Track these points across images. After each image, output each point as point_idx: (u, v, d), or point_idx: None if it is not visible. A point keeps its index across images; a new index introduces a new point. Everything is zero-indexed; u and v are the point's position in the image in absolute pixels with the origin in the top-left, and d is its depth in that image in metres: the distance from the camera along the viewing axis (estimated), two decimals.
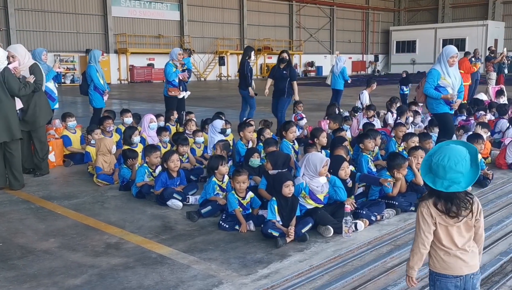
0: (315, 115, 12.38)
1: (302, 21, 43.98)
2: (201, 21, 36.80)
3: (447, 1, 49.67)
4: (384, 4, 52.11)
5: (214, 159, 5.44)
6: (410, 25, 51.28)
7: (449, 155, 2.39)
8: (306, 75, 43.28)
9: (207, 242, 4.39)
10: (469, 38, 42.35)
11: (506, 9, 46.20)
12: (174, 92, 9.93)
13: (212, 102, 18.38)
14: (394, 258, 3.98)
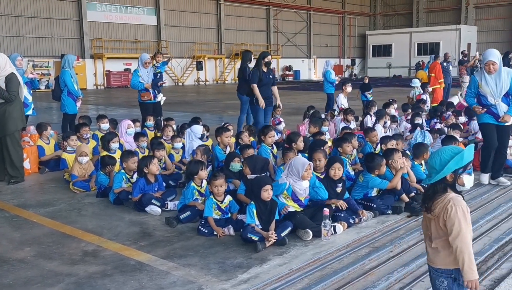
0: (293, 119, 12.44)
1: (280, 25, 44.22)
2: (178, 26, 36.69)
3: (421, 6, 50.55)
4: (360, 9, 52.76)
5: (194, 164, 5.42)
6: (386, 29, 52.02)
7: (433, 154, 2.64)
8: (284, 79, 43.48)
9: (186, 248, 4.37)
10: (443, 42, 43.16)
11: (478, 14, 47.24)
12: (147, 96, 9.80)
13: (190, 107, 18.31)
14: (372, 260, 4.02)
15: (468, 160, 2.55)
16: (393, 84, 32.11)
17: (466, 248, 2.48)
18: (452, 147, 2.62)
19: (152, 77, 9.90)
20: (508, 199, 5.70)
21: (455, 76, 21.81)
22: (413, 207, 5.21)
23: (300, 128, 8.92)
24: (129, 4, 33.85)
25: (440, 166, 2.54)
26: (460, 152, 2.55)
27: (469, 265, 2.48)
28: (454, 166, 2.53)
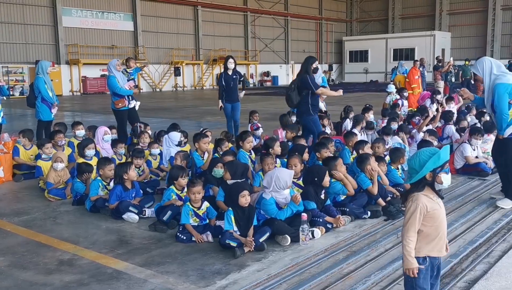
0: (271, 124, 12.45)
1: (257, 31, 44.38)
2: (156, 32, 36.50)
3: (396, 12, 51.35)
4: (337, 15, 53.32)
5: (176, 169, 5.40)
6: (362, 35, 52.65)
7: (413, 155, 2.86)
8: (262, 84, 43.59)
9: (164, 255, 4.33)
10: (418, 47, 43.87)
11: (452, 20, 48.20)
12: (121, 103, 9.56)
13: (168, 113, 18.21)
14: (350, 264, 4.05)
15: (444, 160, 2.79)
16: (370, 89, 32.49)
17: (403, 239, 2.79)
18: (429, 149, 2.84)
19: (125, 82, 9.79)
20: (482, 202, 5.81)
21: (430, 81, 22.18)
22: (389, 211, 5.27)
23: (278, 133, 8.95)
24: (105, 9, 33.55)
25: (420, 167, 2.76)
26: (437, 153, 2.77)
27: (405, 254, 2.78)
28: (432, 165, 2.75)
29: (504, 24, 44.96)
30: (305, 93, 7.78)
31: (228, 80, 10.28)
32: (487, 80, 5.50)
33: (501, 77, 5.39)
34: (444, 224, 2.83)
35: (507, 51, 42.47)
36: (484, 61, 5.56)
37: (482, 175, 6.98)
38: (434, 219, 2.78)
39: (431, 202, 2.77)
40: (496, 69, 5.47)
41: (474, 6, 46.34)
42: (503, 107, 5.37)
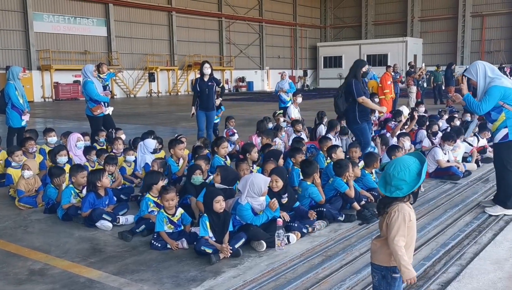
0: (246, 130, 12.48)
1: (232, 37, 44.44)
2: (129, 37, 36.19)
3: (369, 19, 52.13)
4: (311, 21, 53.81)
5: (152, 174, 5.34)
6: (336, 41, 53.26)
7: (395, 165, 2.74)
8: (238, 90, 43.63)
9: (138, 263, 4.27)
10: (391, 53, 44.59)
11: (423, 27, 49.17)
12: (100, 110, 9.42)
13: (143, 119, 18.05)
14: (325, 269, 4.07)
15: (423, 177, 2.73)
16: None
17: (398, 251, 2.67)
18: (412, 158, 2.76)
19: (101, 89, 9.68)
20: (454, 205, 5.92)
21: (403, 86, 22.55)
22: (364, 215, 5.32)
23: (253, 139, 8.95)
24: (78, 15, 33.12)
25: (410, 178, 2.69)
26: (425, 161, 2.76)
27: (405, 265, 2.67)
28: (425, 175, 2.72)
29: (474, 30, 46.14)
30: (351, 99, 7.24)
31: (203, 87, 9.67)
32: (481, 83, 5.41)
33: (496, 80, 5.33)
34: (416, 233, 2.83)
35: (477, 57, 43.52)
36: (478, 65, 5.48)
37: (454, 179, 7.11)
38: (412, 228, 2.76)
39: (412, 211, 2.75)
40: (490, 72, 5.40)
41: (444, 13, 47.41)
42: (487, 107, 5.30)
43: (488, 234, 4.87)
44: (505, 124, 5.37)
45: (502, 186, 5.58)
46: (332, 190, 5.68)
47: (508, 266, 4.04)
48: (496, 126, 5.45)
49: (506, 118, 5.35)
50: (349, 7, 53.55)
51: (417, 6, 48.89)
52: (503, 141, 5.42)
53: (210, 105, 9.79)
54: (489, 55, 43.74)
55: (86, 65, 9.86)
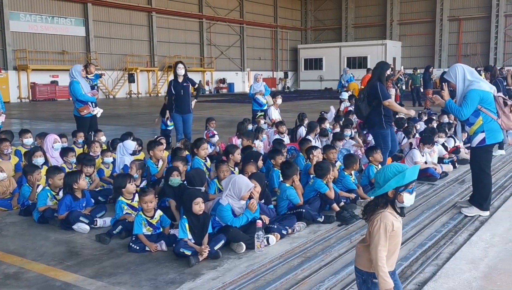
0: (227, 131, 12.45)
1: (213, 38, 44.34)
2: (109, 37, 35.81)
3: (349, 22, 52.55)
4: (292, 23, 54.02)
5: (121, 177, 5.29)
6: (317, 43, 53.57)
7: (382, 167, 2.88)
8: (218, 92, 43.53)
9: (116, 266, 4.22)
10: (370, 56, 45.00)
11: (402, 30, 49.79)
12: (86, 110, 9.30)
13: (122, 120, 17.88)
14: (304, 270, 4.08)
15: (409, 180, 2.70)
16: (325, 97, 33.06)
17: (378, 261, 2.68)
18: (397, 165, 2.76)
19: (89, 89, 9.58)
20: (431, 206, 5.99)
21: None
22: (343, 216, 5.35)
23: (233, 140, 8.94)
24: (55, 14, 32.64)
25: (383, 182, 2.71)
26: (403, 172, 2.70)
27: (382, 276, 2.67)
28: (395, 184, 2.70)
29: (451, 34, 46.90)
30: (375, 103, 6.92)
31: (177, 88, 9.29)
32: (460, 86, 5.46)
33: (474, 83, 5.36)
34: (399, 242, 2.81)
35: (454, 60, 44.19)
36: (457, 67, 5.53)
37: (431, 180, 7.20)
38: (395, 237, 2.75)
39: (396, 220, 2.73)
40: (469, 75, 5.44)
41: (422, 16, 48.08)
42: (468, 111, 5.33)
43: (464, 234, 4.95)
44: (482, 129, 5.41)
45: (478, 188, 5.63)
46: (312, 191, 5.70)
47: (483, 265, 4.11)
48: (474, 130, 5.48)
49: (483, 123, 5.39)
50: (329, 9, 53.92)
51: (396, 10, 49.50)
52: (480, 145, 5.46)
53: (186, 107, 9.45)
54: (466, 59, 44.49)
55: (74, 65, 9.75)
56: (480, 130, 5.43)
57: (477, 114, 5.41)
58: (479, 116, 5.39)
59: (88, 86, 9.62)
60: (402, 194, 2.72)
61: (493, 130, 5.42)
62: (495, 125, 5.42)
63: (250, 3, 47.85)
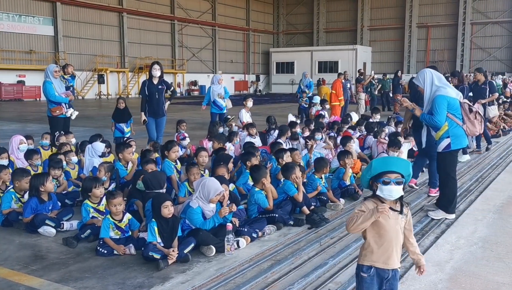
0: (198, 134, 12.39)
1: (185, 40, 44.08)
2: (78, 37, 35.17)
3: (321, 26, 53.10)
4: (264, 27, 54.20)
5: (88, 180, 5.20)
6: (289, 47, 53.91)
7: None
8: (190, 94, 43.29)
9: (83, 270, 4.14)
10: (341, 60, 45.58)
11: (372, 36, 50.60)
12: (59, 110, 9.11)
13: (91, 122, 17.59)
14: (274, 273, 4.08)
15: (377, 170, 2.81)
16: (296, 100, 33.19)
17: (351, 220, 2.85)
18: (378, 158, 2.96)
19: (63, 90, 9.39)
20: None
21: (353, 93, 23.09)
22: (313, 219, 5.38)
23: (203, 143, 8.90)
24: (23, 12, 31.86)
25: (365, 172, 2.91)
26: (371, 162, 2.90)
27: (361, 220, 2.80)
28: (367, 175, 2.86)
29: (419, 40, 47.95)
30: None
31: (152, 90, 8.86)
32: (428, 90, 5.52)
33: (441, 89, 5.42)
34: (390, 236, 2.82)
35: (422, 66, 45.10)
36: (425, 72, 5.59)
37: None
38: (378, 227, 2.80)
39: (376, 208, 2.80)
40: (437, 80, 5.51)
41: (392, 23, 49.00)
42: (442, 118, 5.38)
43: (431, 237, 5.05)
44: (447, 134, 5.47)
45: (445, 192, 5.72)
46: (282, 193, 5.72)
47: (448, 267, 4.20)
48: (439, 135, 5.53)
49: (448, 128, 5.45)
50: (301, 14, 54.36)
51: (367, 16, 50.28)
52: (446, 151, 5.54)
53: (160, 111, 9.11)
54: (434, 65, 45.47)
55: (49, 65, 9.56)
56: (445, 136, 5.48)
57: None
58: (445, 122, 5.46)
59: (62, 86, 9.45)
60: (378, 185, 2.80)
61: (458, 135, 5.49)
62: (460, 131, 5.50)
63: (223, 5, 47.81)
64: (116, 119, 10.08)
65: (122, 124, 10.08)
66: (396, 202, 2.84)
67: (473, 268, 4.21)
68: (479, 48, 45.50)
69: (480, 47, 45.47)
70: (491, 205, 6.25)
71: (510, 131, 13.85)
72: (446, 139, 5.49)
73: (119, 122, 10.09)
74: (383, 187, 2.77)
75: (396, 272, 2.91)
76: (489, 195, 6.79)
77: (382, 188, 2.77)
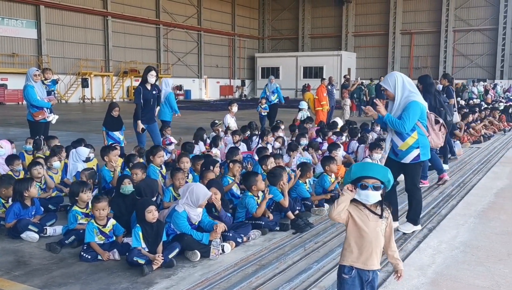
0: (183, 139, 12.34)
1: (170, 44, 43.99)
2: (62, 41, 34.85)
3: (306, 32, 53.42)
4: (249, 32, 54.34)
5: (76, 185, 5.17)
6: (274, 52, 54.11)
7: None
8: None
9: (66, 276, 4.11)
10: (326, 66, 45.88)
11: (356, 42, 51.08)
12: (42, 115, 9.02)
13: (74, 126, 17.44)
14: (259, 278, 4.10)
15: (356, 175, 2.86)
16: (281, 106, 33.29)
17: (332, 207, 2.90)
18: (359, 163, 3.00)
19: (45, 94, 9.30)
20: None
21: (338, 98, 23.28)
22: (297, 224, 5.41)
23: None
24: (6, 15, 31.49)
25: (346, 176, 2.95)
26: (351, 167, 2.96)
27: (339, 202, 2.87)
28: (347, 179, 2.91)
29: (403, 47, 48.53)
30: None
31: (147, 96, 8.64)
32: (399, 95, 5.09)
33: (415, 95, 5.05)
34: (369, 238, 2.87)
35: (406, 72, 45.48)
36: (396, 76, 5.15)
37: None
38: (357, 227, 2.88)
39: (359, 211, 2.89)
40: (409, 85, 5.10)
41: (376, 29, 49.53)
42: (410, 125, 5.03)
43: (413, 241, 5.11)
44: (417, 144, 5.13)
45: (413, 204, 5.43)
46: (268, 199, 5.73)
47: (430, 272, 4.26)
48: (409, 144, 5.14)
49: (418, 138, 5.12)
50: (286, 19, 54.63)
51: (351, 22, 50.74)
52: (414, 162, 5.20)
53: (153, 117, 8.95)
54: (417, 71, 46.05)
55: (30, 68, 9.42)
56: (415, 146, 5.13)
57: (413, 127, 5.10)
58: (414, 130, 5.10)
59: (44, 91, 9.37)
60: (357, 189, 2.86)
61: (426, 146, 5.21)
62: (427, 141, 5.23)
63: (208, 10, 47.84)
64: (109, 127, 9.16)
65: (116, 132, 9.17)
66: (376, 205, 2.90)
67: (454, 272, 4.28)
68: (461, 55, 46.21)
69: (462, 54, 46.18)
70: (472, 210, 6.36)
71: (491, 137, 14.07)
72: (416, 150, 5.14)
73: (111, 130, 9.15)
74: (361, 191, 2.84)
75: (376, 275, 2.95)
76: (470, 200, 6.90)
77: (360, 193, 2.84)
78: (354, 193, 2.85)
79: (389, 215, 2.97)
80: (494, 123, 15.68)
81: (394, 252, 3.04)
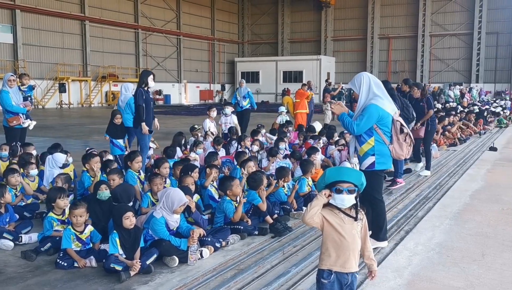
0: (162, 144, 12.27)
1: (149, 49, 43.77)
2: (38, 45, 34.39)
3: (285, 37, 53.74)
4: (229, 36, 54.41)
5: (53, 191, 5.10)
6: (254, 57, 54.28)
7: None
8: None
9: (42, 284, 4.05)
10: (306, 70, 46.23)
11: (335, 46, 51.58)
12: (16, 121, 8.89)
13: (52, 132, 17.19)
14: (237, 282, 4.10)
15: (330, 179, 2.91)
16: (261, 110, 33.42)
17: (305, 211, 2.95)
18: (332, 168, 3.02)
19: (21, 100, 9.15)
20: None
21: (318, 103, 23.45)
22: (276, 228, 5.43)
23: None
24: None
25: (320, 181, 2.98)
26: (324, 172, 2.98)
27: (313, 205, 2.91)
28: (321, 183, 2.95)
29: (381, 51, 49.20)
30: None
31: (148, 100, 8.31)
32: (363, 96, 4.80)
33: (378, 99, 4.73)
34: (346, 241, 2.91)
35: (384, 76, 46.24)
36: (363, 76, 4.85)
37: None
38: (333, 231, 2.91)
39: (334, 215, 2.91)
40: (375, 88, 4.79)
41: (355, 34, 50.14)
42: (362, 128, 4.73)
43: (390, 243, 5.17)
44: (373, 151, 4.77)
45: (373, 217, 4.90)
46: (246, 203, 5.75)
47: (407, 273, 4.32)
48: (364, 150, 4.82)
49: (374, 144, 4.77)
50: (266, 24, 54.88)
51: (330, 27, 51.25)
52: (370, 170, 4.78)
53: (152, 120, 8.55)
54: (395, 75, 46.75)
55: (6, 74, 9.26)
56: (371, 153, 4.79)
57: (370, 133, 4.77)
58: (371, 136, 4.77)
59: (20, 96, 9.23)
60: (331, 193, 2.91)
61: (384, 155, 4.81)
62: (387, 150, 4.81)
63: (187, 15, 47.78)
64: (112, 135, 8.84)
65: (120, 140, 8.80)
66: (351, 208, 2.94)
67: (430, 273, 4.34)
68: (438, 59, 47.04)
69: (439, 58, 47.01)
70: (448, 211, 6.46)
71: (467, 140, 14.33)
72: (371, 157, 4.79)
73: (115, 138, 8.79)
74: (335, 195, 2.88)
75: (355, 278, 2.98)
76: (447, 202, 7.02)
77: (335, 197, 2.88)
78: (330, 198, 2.89)
79: (364, 216, 3.01)
80: (469, 126, 15.98)
81: (370, 252, 3.09)
